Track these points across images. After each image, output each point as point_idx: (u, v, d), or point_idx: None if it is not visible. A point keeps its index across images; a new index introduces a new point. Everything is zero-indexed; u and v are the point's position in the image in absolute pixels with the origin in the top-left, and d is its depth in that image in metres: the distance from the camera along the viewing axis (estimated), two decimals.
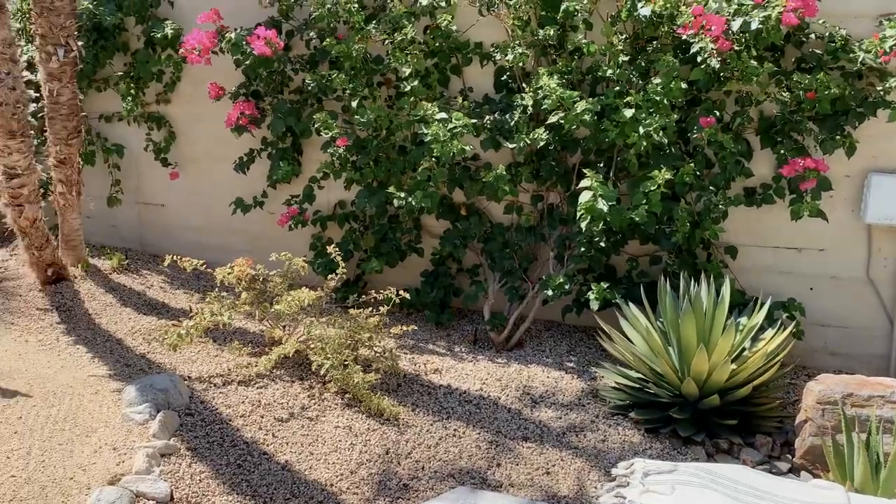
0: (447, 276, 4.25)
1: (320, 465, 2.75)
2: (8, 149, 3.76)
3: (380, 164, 4.16)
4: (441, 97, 4.10)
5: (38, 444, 2.69)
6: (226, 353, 3.64)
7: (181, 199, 5.03)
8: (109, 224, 5.20)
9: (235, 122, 4.40)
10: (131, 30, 4.85)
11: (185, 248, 4.88)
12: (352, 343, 3.40)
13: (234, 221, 4.78)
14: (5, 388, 3.13)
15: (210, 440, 2.83)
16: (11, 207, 3.95)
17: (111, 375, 3.34)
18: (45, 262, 4.22)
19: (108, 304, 4.19)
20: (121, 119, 5.02)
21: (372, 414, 3.08)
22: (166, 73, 4.79)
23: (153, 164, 4.97)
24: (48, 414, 2.92)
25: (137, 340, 3.78)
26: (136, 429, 2.83)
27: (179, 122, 4.93)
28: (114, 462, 2.59)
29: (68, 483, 2.45)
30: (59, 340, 3.74)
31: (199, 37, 4.28)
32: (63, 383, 3.22)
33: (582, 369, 3.63)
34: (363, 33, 4.06)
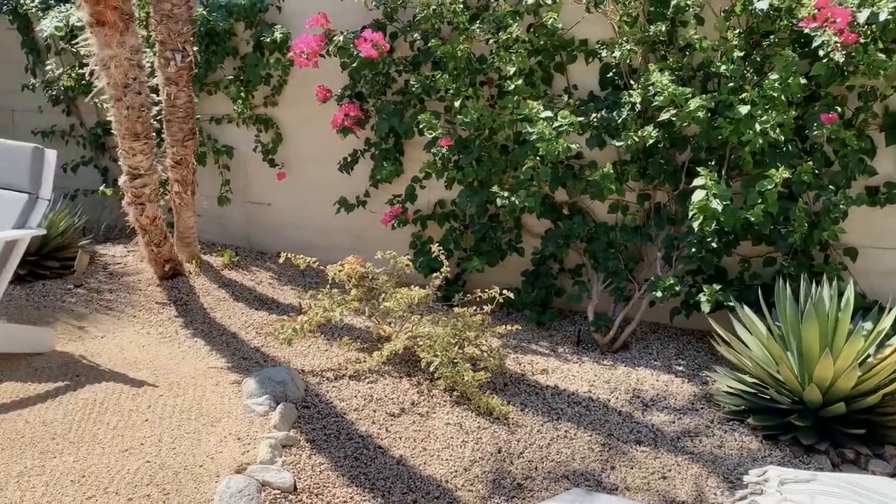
0: (548, 276, 4.22)
1: (434, 461, 2.78)
2: (133, 150, 3.96)
3: (482, 164, 4.18)
4: (544, 95, 4.08)
5: (168, 431, 2.82)
6: (335, 348, 3.73)
7: (287, 198, 5.19)
8: (219, 222, 5.41)
9: (341, 124, 4.50)
10: (241, 34, 5.03)
11: (290, 246, 5.04)
12: (458, 341, 3.43)
13: (336, 220, 4.90)
14: (133, 378, 3.30)
15: (327, 433, 2.90)
16: (134, 206, 4.16)
17: (229, 367, 3.47)
18: (163, 259, 4.43)
19: (221, 299, 4.36)
20: (230, 121, 5.22)
21: (481, 412, 3.10)
22: (274, 77, 4.95)
23: (261, 164, 5.15)
24: (174, 403, 3.06)
25: (251, 334, 3.92)
26: (258, 420, 2.93)
27: (286, 124, 5.08)
28: (239, 451, 2.69)
29: (198, 470, 2.57)
30: (178, 333, 3.92)
31: (307, 40, 4.40)
32: (185, 374, 3.37)
33: (692, 373, 3.54)
34: (467, 33, 4.09)
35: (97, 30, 3.57)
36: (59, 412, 2.95)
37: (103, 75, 3.75)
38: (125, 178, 4.10)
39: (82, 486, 2.45)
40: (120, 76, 3.71)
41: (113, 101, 3.82)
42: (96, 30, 3.58)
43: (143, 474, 2.52)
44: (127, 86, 3.76)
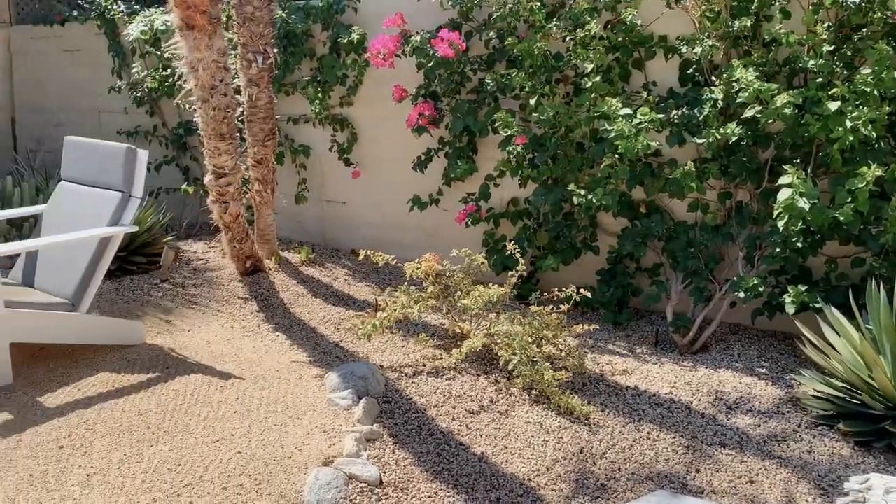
0: (625, 276, 4.18)
1: (515, 460, 2.79)
2: (218, 150, 4.09)
3: (557, 162, 4.16)
4: (622, 92, 4.04)
5: (256, 423, 2.91)
6: (411, 344, 3.77)
7: (361, 196, 5.27)
8: (296, 220, 5.53)
9: (415, 123, 4.55)
10: (318, 36, 5.13)
11: (364, 243, 5.13)
12: (536, 340, 3.43)
13: (409, 218, 4.95)
14: (220, 371, 3.41)
15: (408, 428, 2.95)
16: (218, 204, 4.29)
17: (311, 362, 3.55)
18: (245, 255, 4.56)
19: (300, 295, 4.47)
20: (307, 121, 5.34)
21: (561, 412, 3.09)
22: (350, 77, 5.03)
23: (336, 163, 5.24)
24: (261, 396, 3.15)
25: (329, 329, 4.00)
26: (342, 413, 2.99)
27: (361, 124, 5.16)
28: (325, 444, 2.75)
29: (287, 461, 2.64)
30: (260, 328, 4.03)
31: (383, 41, 4.46)
32: (269, 368, 3.46)
33: (776, 376, 3.46)
34: (544, 31, 4.07)
35: (187, 33, 3.70)
36: (153, 402, 3.08)
37: (191, 78, 3.88)
38: (210, 177, 4.23)
39: (178, 474, 2.55)
40: (207, 78, 3.83)
41: (200, 102, 3.95)
42: (186, 33, 3.70)
43: (235, 464, 2.61)
44: (213, 87, 3.88)
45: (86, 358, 3.52)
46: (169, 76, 5.73)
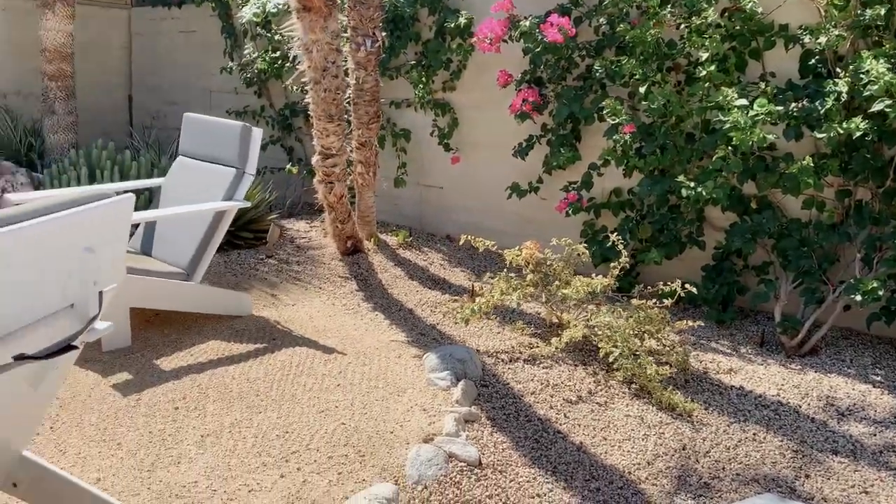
0: (731, 273, 4.05)
1: (615, 451, 2.76)
2: (326, 131, 4.18)
3: (666, 152, 4.06)
4: (738, 83, 3.89)
5: (359, 397, 2.98)
6: (507, 331, 3.78)
7: (459, 181, 5.29)
8: (393, 203, 5.61)
9: (519, 109, 4.52)
10: (423, 20, 5.16)
11: (459, 229, 5.15)
12: (639, 333, 3.37)
13: (507, 205, 4.94)
14: (323, 345, 3.50)
15: (506, 413, 2.95)
16: (324, 184, 4.40)
17: (409, 342, 3.60)
18: (346, 235, 4.66)
19: (397, 277, 4.54)
20: (409, 105, 5.39)
21: (663, 407, 3.03)
22: (454, 62, 5.05)
23: (435, 148, 5.28)
24: (362, 371, 3.22)
25: (426, 311, 4.05)
26: (441, 394, 3.03)
27: (462, 109, 5.17)
28: (425, 422, 2.79)
29: (389, 436, 2.69)
30: (360, 306, 4.12)
31: (491, 25, 4.45)
32: (369, 345, 3.54)
33: (892, 384, 3.28)
34: (658, 17, 3.97)
35: (303, 15, 3.79)
36: (261, 371, 3.20)
37: (305, 59, 3.98)
38: (317, 158, 4.34)
39: (286, 440, 2.65)
40: (320, 60, 3.92)
41: (312, 83, 4.05)
42: (302, 15, 3.80)
43: (339, 435, 2.68)
44: (326, 69, 3.97)
45: (197, 325, 3.69)
46: (278, 58, 5.90)
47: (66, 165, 5.39)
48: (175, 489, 2.35)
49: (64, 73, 5.95)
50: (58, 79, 5.93)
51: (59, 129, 5.95)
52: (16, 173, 5.31)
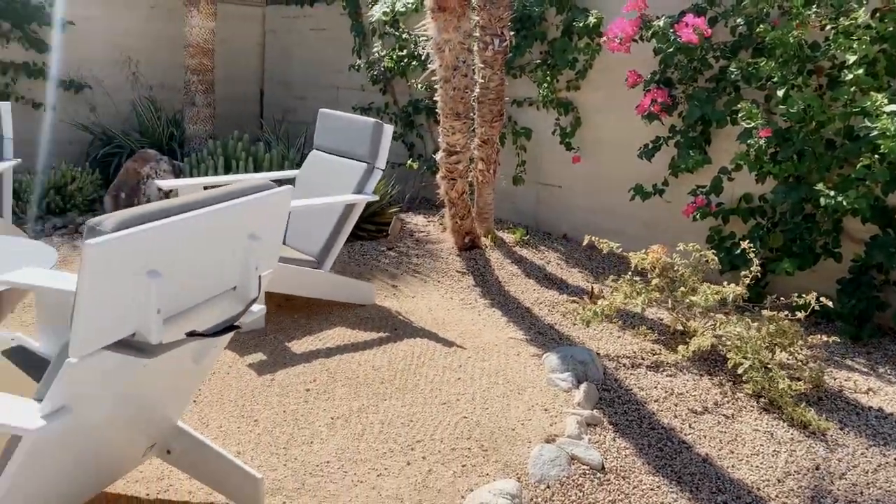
0: (870, 288, 3.82)
1: (742, 466, 2.68)
2: (452, 129, 4.25)
3: (803, 158, 3.88)
4: (888, 88, 3.68)
5: (479, 392, 3.02)
6: (627, 335, 3.73)
7: (579, 182, 5.25)
8: (510, 201, 5.63)
9: (647, 109, 4.44)
10: (550, 19, 5.15)
11: (577, 229, 5.13)
12: (769, 346, 3.25)
13: (627, 207, 4.86)
14: (443, 338, 3.57)
15: (629, 418, 2.92)
16: (446, 180, 4.48)
17: (527, 340, 3.62)
18: (464, 231, 4.72)
19: (514, 274, 4.56)
20: (531, 104, 5.39)
21: (794, 424, 2.91)
22: (580, 61, 5.01)
23: (555, 147, 5.26)
24: (482, 367, 3.27)
25: (543, 311, 4.05)
26: (562, 395, 3.03)
27: (586, 108, 5.13)
28: (547, 422, 2.80)
29: (511, 433, 2.72)
30: (477, 301, 4.16)
31: (622, 25, 4.39)
32: (488, 341, 3.57)
33: None
34: (801, 18, 3.80)
35: (438, 15, 3.87)
36: (385, 360, 3.30)
37: (436, 58, 4.06)
38: (441, 154, 4.42)
39: (411, 429, 2.72)
40: (451, 59, 3.99)
41: (442, 82, 4.13)
42: (437, 15, 3.87)
43: (462, 428, 2.74)
44: (456, 68, 4.04)
45: (324, 312, 3.84)
46: (404, 57, 6.03)
47: (204, 155, 5.72)
48: (309, 467, 2.47)
49: (205, 67, 6.31)
50: (199, 73, 6.29)
51: (198, 120, 6.32)
52: (159, 161, 5.68)
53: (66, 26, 6.43)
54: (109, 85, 6.80)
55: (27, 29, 6.21)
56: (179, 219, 1.54)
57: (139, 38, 6.93)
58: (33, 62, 6.35)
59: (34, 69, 6.33)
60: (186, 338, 1.64)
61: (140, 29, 6.92)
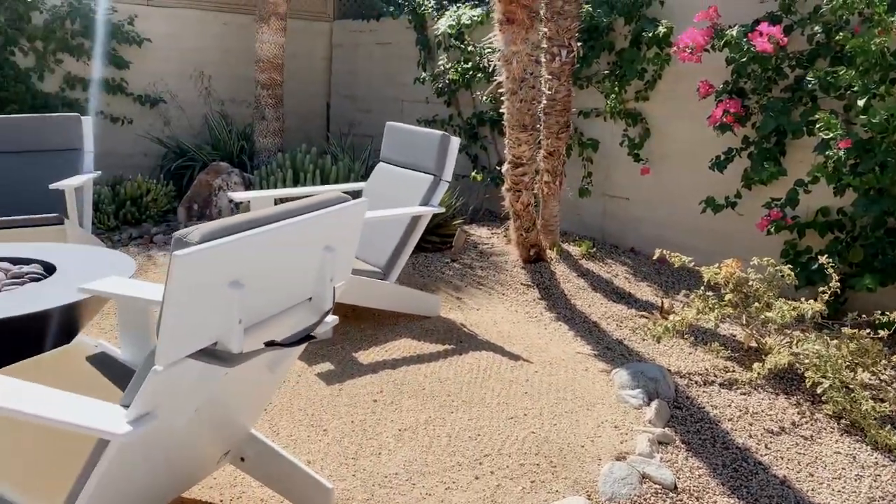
0: None
1: (823, 490, 2.57)
2: (519, 141, 4.24)
3: (886, 170, 3.72)
4: None
5: (547, 407, 2.99)
6: (699, 351, 3.63)
7: (647, 194, 5.16)
8: (575, 213, 5.58)
9: (719, 120, 4.34)
10: (618, 30, 5.09)
11: (644, 242, 5.04)
12: (850, 365, 3.11)
13: (698, 219, 4.76)
14: (508, 351, 3.55)
15: (702, 437, 2.84)
16: (512, 192, 4.46)
17: (595, 355, 3.56)
18: (529, 243, 4.69)
19: (580, 288, 4.50)
20: (597, 115, 5.34)
21: (878, 447, 2.78)
22: (648, 71, 4.94)
23: (622, 158, 5.19)
24: (549, 381, 3.23)
25: (611, 325, 3.98)
26: (632, 412, 2.97)
27: (654, 119, 5.05)
28: (617, 440, 2.75)
29: (580, 450, 2.68)
30: (542, 315, 4.12)
31: (693, 35, 4.30)
32: (555, 355, 3.53)
33: None
34: (884, 25, 3.66)
35: (506, 27, 3.87)
36: (451, 372, 3.29)
37: (504, 70, 4.06)
38: (507, 166, 4.41)
39: (479, 443, 2.70)
40: (519, 71, 3.98)
41: (509, 94, 4.12)
42: (505, 27, 3.88)
43: (530, 443, 2.70)
44: (523, 80, 4.03)
45: (389, 323, 3.86)
46: (469, 69, 6.05)
47: (273, 167, 5.85)
48: (377, 478, 2.48)
49: (274, 81, 6.46)
50: (269, 87, 6.44)
51: (268, 134, 6.47)
52: (230, 173, 5.83)
53: (143, 43, 6.68)
54: (183, 99, 7.03)
55: (107, 46, 6.48)
56: (262, 231, 1.56)
57: (211, 53, 7.15)
58: (112, 78, 6.61)
59: (112, 85, 6.60)
60: (265, 347, 1.66)
61: (212, 45, 7.15)
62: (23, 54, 6.15)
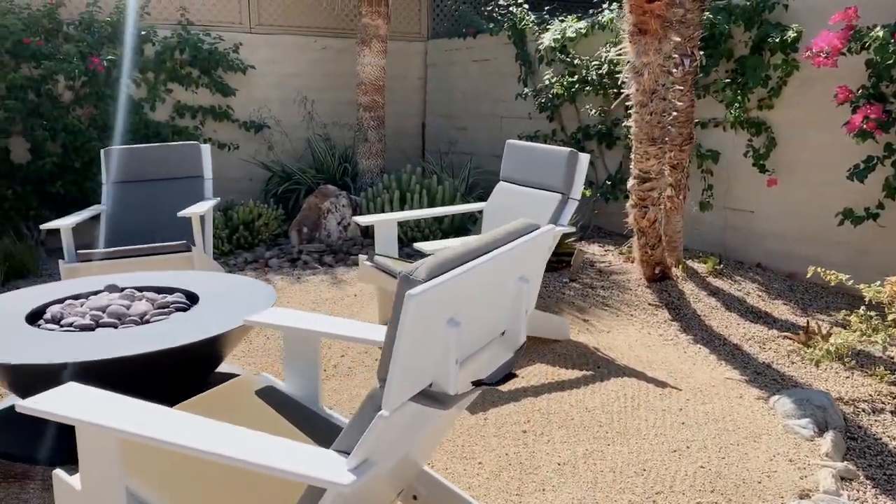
0: None
1: None
2: (647, 154, 4.08)
3: None
4: None
5: (710, 439, 2.81)
6: (857, 375, 3.38)
7: (773, 206, 4.91)
8: (694, 228, 5.35)
9: (858, 127, 4.08)
10: (737, 36, 4.88)
11: (769, 257, 4.79)
12: None
13: (832, 233, 4.48)
14: (651, 377, 3.38)
15: (887, 472, 2.61)
16: (637, 208, 4.29)
17: (746, 381, 3.35)
18: (654, 261, 4.51)
19: (712, 307, 4.29)
20: (716, 125, 5.12)
21: None
22: (772, 78, 4.71)
23: (744, 170, 4.95)
24: (704, 410, 3.04)
25: (754, 348, 3.76)
26: (804, 444, 2.76)
27: (779, 128, 4.80)
28: (795, 475, 2.55)
29: (757, 486, 2.49)
30: (678, 337, 3.93)
31: (827, 38, 4.07)
32: (702, 381, 3.34)
33: None
34: None
35: (637, 38, 3.73)
36: (597, 400, 3.14)
37: (633, 82, 3.91)
38: (633, 182, 4.25)
39: (646, 479, 2.55)
40: (650, 82, 3.83)
41: (638, 106, 3.97)
42: (636, 38, 3.74)
43: (701, 479, 2.53)
44: (654, 92, 3.87)
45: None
46: (575, 82, 5.92)
47: (379, 189, 5.84)
48: None
49: (376, 103, 6.47)
50: (371, 109, 6.46)
51: (370, 155, 6.48)
52: (338, 196, 5.85)
53: (248, 70, 6.81)
54: (286, 124, 7.13)
55: (214, 75, 6.62)
56: (476, 264, 1.47)
57: (310, 78, 7.24)
58: (218, 105, 6.75)
59: (219, 112, 6.74)
60: (473, 387, 1.57)
61: (311, 70, 7.24)
62: (136, 85, 6.34)
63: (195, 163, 4.81)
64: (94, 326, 2.86)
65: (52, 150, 5.82)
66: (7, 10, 5.60)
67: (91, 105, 6.02)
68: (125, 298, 3.12)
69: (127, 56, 6.14)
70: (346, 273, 5.16)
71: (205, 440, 1.48)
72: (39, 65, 5.71)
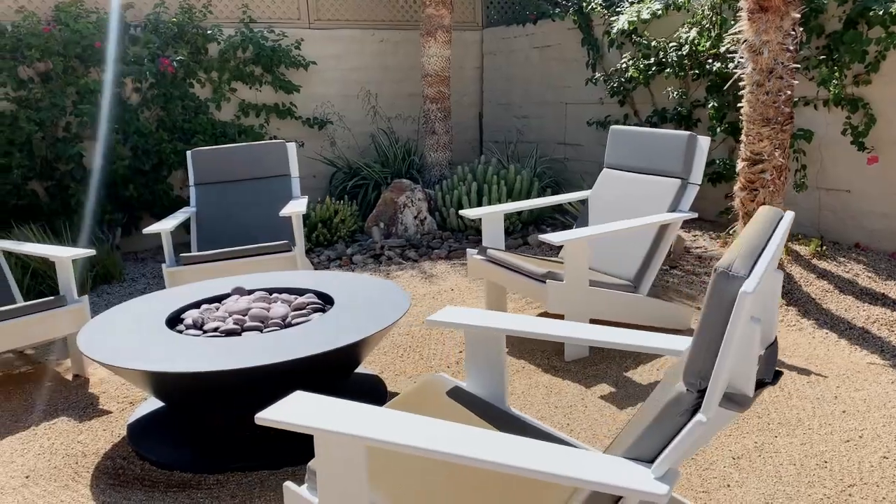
0: None
1: None
2: (760, 136, 3.96)
3: None
4: None
5: (880, 427, 2.71)
6: None
7: (873, 184, 4.78)
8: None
9: None
10: (830, 11, 4.74)
11: (868, 237, 4.66)
12: None
13: None
14: (791, 364, 3.28)
15: None
16: (746, 191, 4.18)
17: (890, 364, 3.25)
18: None
19: (825, 290, 4.17)
20: (806, 103, 4.99)
21: None
22: (870, 53, 4.57)
23: (839, 148, 4.82)
24: (860, 396, 2.94)
25: (883, 330, 3.65)
26: None
27: (879, 104, 4.66)
28: None
29: None
30: (800, 322, 3.83)
31: None
32: (843, 366, 3.24)
33: None
34: None
35: (758, 16, 3.62)
36: None
37: (749, 62, 3.80)
38: (743, 164, 4.13)
39: (832, 471, 2.46)
40: (768, 61, 3.72)
41: (753, 86, 3.86)
42: (756, 16, 3.62)
43: (891, 470, 2.44)
44: (772, 70, 3.76)
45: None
46: (651, 65, 5.80)
47: (455, 181, 5.75)
48: None
49: (442, 95, 6.38)
50: (437, 101, 6.37)
51: (438, 148, 6.39)
52: (414, 190, 5.77)
53: (309, 66, 6.73)
54: (349, 119, 7.06)
55: (276, 72, 6.55)
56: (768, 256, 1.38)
57: (371, 72, 7.16)
58: (282, 103, 6.68)
59: (283, 109, 6.67)
60: (757, 389, 1.48)
61: (371, 63, 7.16)
62: (200, 85, 6.28)
63: (282, 161, 4.74)
64: (240, 331, 2.81)
65: (122, 154, 5.77)
66: (77, 14, 5.54)
67: (159, 107, 5.97)
68: (261, 301, 3.06)
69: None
70: (433, 267, 5.08)
71: (478, 449, 1.41)
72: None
